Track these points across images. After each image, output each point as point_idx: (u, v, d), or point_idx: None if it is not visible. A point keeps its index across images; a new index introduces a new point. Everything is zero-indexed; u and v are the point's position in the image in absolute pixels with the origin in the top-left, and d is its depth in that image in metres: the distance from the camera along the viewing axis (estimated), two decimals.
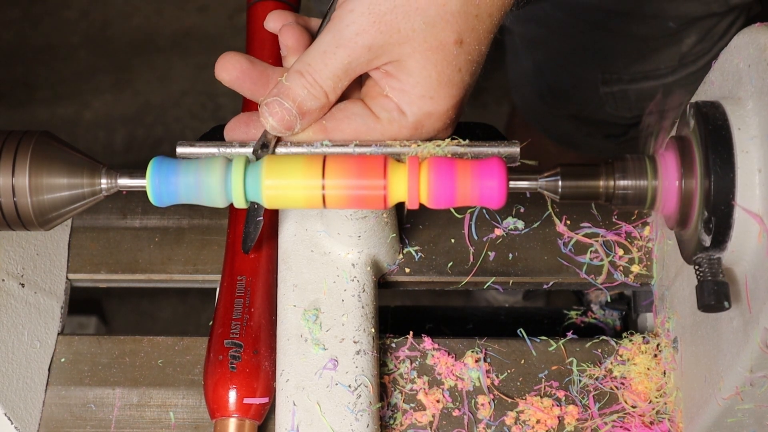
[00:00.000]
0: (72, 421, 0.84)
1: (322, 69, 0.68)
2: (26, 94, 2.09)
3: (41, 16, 2.16)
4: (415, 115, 0.69)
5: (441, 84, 0.69)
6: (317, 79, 0.68)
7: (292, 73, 0.69)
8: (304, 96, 0.68)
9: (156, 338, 0.87)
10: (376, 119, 0.70)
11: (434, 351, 0.84)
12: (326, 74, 0.68)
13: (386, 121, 0.70)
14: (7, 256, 0.81)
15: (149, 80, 2.11)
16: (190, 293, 1.86)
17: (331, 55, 0.68)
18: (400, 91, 0.69)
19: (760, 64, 0.63)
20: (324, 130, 0.70)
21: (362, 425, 0.76)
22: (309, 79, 0.68)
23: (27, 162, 0.67)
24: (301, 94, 0.68)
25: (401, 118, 0.70)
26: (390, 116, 0.70)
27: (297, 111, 0.69)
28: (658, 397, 0.81)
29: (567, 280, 0.88)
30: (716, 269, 0.64)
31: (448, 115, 0.70)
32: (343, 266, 0.82)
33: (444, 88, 0.69)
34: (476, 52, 0.69)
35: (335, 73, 0.68)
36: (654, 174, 0.66)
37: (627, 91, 1.22)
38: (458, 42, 0.68)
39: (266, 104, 0.69)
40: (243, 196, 0.68)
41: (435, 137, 0.71)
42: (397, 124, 0.70)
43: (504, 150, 0.71)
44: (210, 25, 2.16)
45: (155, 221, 0.93)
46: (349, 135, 0.70)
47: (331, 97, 0.69)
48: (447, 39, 0.68)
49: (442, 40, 0.67)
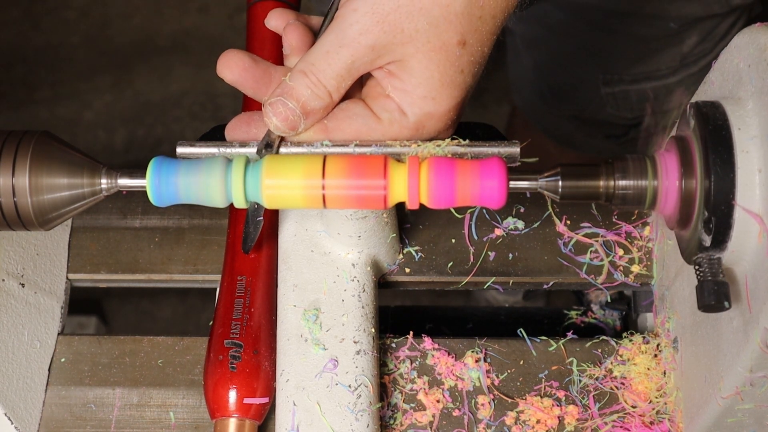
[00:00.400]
0: (72, 421, 0.83)
1: (326, 69, 0.68)
2: (26, 94, 2.09)
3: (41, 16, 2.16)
4: (416, 116, 0.69)
5: (443, 85, 0.69)
6: (321, 78, 0.68)
7: (296, 73, 0.69)
8: (308, 96, 0.68)
9: (156, 338, 0.87)
10: (377, 120, 0.70)
11: (434, 351, 0.84)
12: (330, 74, 0.68)
13: (387, 122, 0.70)
14: (7, 256, 0.81)
15: (149, 80, 2.11)
16: (190, 293, 1.86)
17: (334, 55, 0.68)
18: (402, 91, 0.69)
19: (760, 64, 0.63)
20: (325, 129, 0.70)
21: (362, 425, 0.76)
22: (313, 79, 0.68)
23: (27, 162, 0.67)
24: (305, 94, 0.68)
25: (402, 119, 0.70)
26: (391, 117, 0.70)
27: (301, 111, 0.69)
28: (658, 397, 0.81)
29: (567, 280, 0.88)
30: (716, 269, 0.64)
31: (449, 116, 0.70)
32: (343, 266, 0.82)
33: (446, 89, 0.69)
34: (479, 54, 0.69)
35: (339, 73, 0.68)
36: (654, 174, 0.66)
37: (628, 92, 1.22)
38: (461, 43, 0.68)
39: (270, 104, 0.69)
40: (243, 196, 0.68)
41: (436, 137, 0.71)
42: (398, 125, 0.70)
43: (504, 150, 0.71)
44: (210, 25, 2.16)
45: (155, 221, 0.93)
46: (350, 135, 0.70)
47: (334, 96, 0.69)
48: (450, 40, 0.68)
49: (445, 41, 0.67)
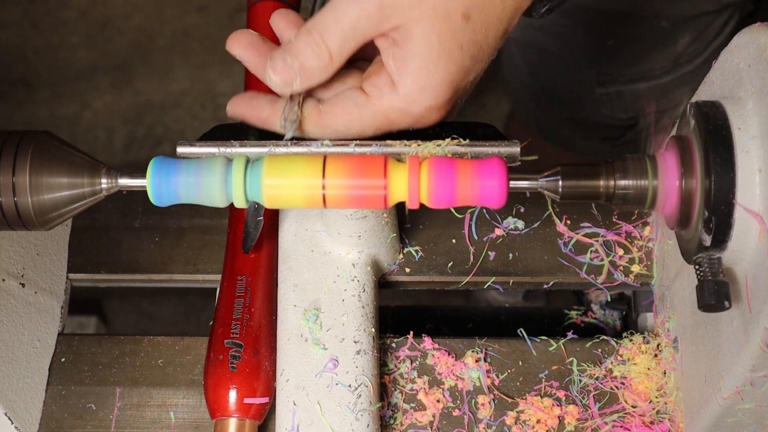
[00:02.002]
0: (72, 421, 0.83)
1: (332, 25, 0.67)
2: (26, 94, 2.09)
3: (41, 16, 2.16)
4: (407, 87, 0.68)
5: (440, 56, 0.68)
6: (324, 37, 0.67)
7: (301, 30, 0.68)
8: (308, 54, 0.68)
9: (156, 338, 0.87)
10: (366, 96, 0.69)
11: (434, 351, 0.84)
12: (335, 31, 0.67)
13: (376, 97, 0.69)
14: (7, 256, 0.81)
15: (149, 80, 2.11)
16: (190, 293, 1.86)
17: (341, 12, 0.67)
18: (401, 60, 0.68)
19: (760, 64, 0.63)
20: (319, 113, 0.70)
21: (362, 425, 0.76)
22: (316, 37, 0.68)
23: (27, 162, 0.67)
24: (305, 52, 0.68)
25: (392, 93, 0.69)
26: (380, 92, 0.69)
27: (298, 68, 0.68)
28: (659, 397, 0.81)
29: (567, 280, 0.88)
30: (716, 269, 0.64)
31: (441, 92, 0.69)
32: (344, 266, 0.82)
33: (442, 60, 0.68)
34: (481, 35, 0.68)
35: (344, 31, 0.67)
36: (654, 174, 0.66)
37: (622, 93, 1.22)
38: (465, 16, 0.67)
39: (270, 58, 0.69)
40: (243, 195, 0.68)
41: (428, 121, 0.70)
42: (387, 99, 0.69)
43: (504, 150, 0.71)
44: (210, 25, 2.16)
45: (155, 221, 0.93)
46: (341, 116, 0.70)
47: (335, 58, 0.68)
48: (455, 10, 0.67)
49: (450, 11, 0.67)
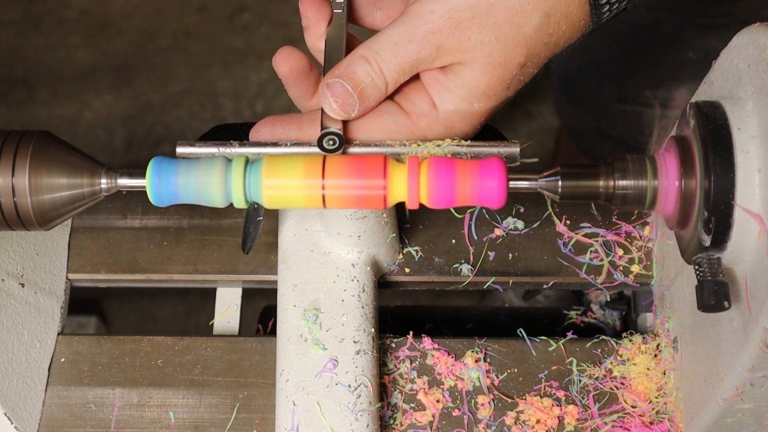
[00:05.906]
0: (72, 421, 0.83)
1: (391, 60, 0.67)
2: (26, 94, 2.09)
3: (41, 16, 2.16)
4: (448, 113, 0.69)
5: (485, 95, 0.68)
6: (383, 68, 0.67)
7: (357, 58, 0.68)
8: (368, 83, 0.68)
9: (156, 338, 0.87)
10: (405, 114, 0.69)
11: (434, 351, 0.84)
12: (393, 65, 0.67)
13: (416, 116, 0.69)
14: (7, 256, 0.81)
15: (149, 80, 2.11)
16: (190, 293, 1.85)
17: (402, 48, 0.67)
18: (443, 86, 0.69)
19: (760, 64, 0.63)
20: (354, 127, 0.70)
21: (362, 425, 0.76)
22: (375, 67, 0.67)
23: (27, 162, 0.67)
24: (364, 80, 0.68)
25: (432, 113, 0.69)
26: (420, 111, 0.69)
27: (358, 96, 0.68)
28: (658, 397, 0.81)
29: (567, 280, 0.88)
30: (716, 269, 0.64)
31: (479, 120, 0.70)
32: (343, 266, 0.82)
33: (486, 98, 0.69)
34: (529, 75, 0.70)
35: (402, 66, 0.68)
36: (654, 174, 0.66)
37: (641, 114, 1.21)
38: (521, 65, 0.68)
39: (328, 85, 0.68)
40: (243, 196, 0.68)
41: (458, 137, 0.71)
42: (427, 119, 0.69)
43: (504, 150, 0.71)
44: (210, 25, 2.15)
45: (155, 221, 0.93)
46: (378, 132, 0.70)
47: (390, 89, 0.69)
48: (512, 60, 0.67)
49: (507, 60, 0.67)
